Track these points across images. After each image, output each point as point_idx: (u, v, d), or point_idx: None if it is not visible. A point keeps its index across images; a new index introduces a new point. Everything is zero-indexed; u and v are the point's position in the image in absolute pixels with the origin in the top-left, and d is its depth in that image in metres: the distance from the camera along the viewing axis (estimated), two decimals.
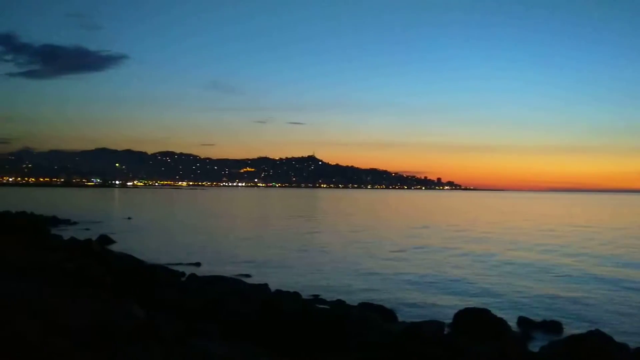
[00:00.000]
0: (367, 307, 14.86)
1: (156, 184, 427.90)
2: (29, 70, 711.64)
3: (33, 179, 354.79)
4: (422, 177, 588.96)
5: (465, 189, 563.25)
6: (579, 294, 18.63)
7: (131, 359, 6.51)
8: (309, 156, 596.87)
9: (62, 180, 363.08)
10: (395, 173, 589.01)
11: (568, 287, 19.76)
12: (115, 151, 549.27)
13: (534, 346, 12.04)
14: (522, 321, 14.40)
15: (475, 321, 13.09)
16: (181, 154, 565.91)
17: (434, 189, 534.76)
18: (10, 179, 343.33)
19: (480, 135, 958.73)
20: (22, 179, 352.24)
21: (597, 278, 21.84)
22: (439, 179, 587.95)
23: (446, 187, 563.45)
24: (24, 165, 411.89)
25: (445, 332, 12.70)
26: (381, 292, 18.51)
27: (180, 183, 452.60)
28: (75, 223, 45.40)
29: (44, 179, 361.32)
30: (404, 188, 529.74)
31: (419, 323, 12.78)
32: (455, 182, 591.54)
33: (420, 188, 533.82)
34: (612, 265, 25.78)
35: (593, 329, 11.57)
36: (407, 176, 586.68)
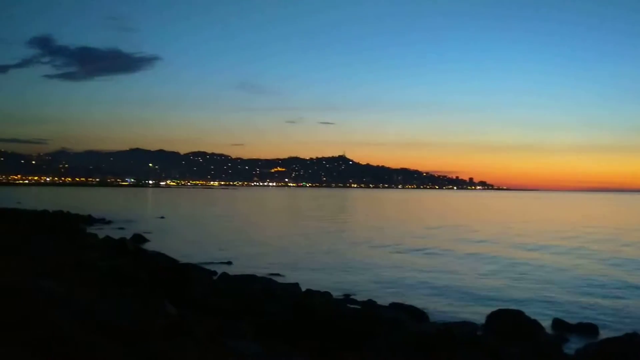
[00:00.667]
0: (398, 308, 14.79)
1: (188, 183, 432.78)
2: (66, 72, 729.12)
3: (69, 179, 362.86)
4: (454, 177, 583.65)
5: (498, 189, 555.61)
6: (617, 297, 18.20)
7: (165, 357, 6.60)
8: (339, 156, 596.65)
9: (97, 180, 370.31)
10: (427, 173, 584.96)
11: (605, 290, 19.31)
12: (148, 151, 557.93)
13: (569, 348, 11.82)
14: (557, 323, 14.10)
15: (509, 323, 12.92)
16: (213, 154, 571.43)
17: (466, 188, 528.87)
18: (48, 179, 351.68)
19: (514, 135, 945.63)
20: (59, 178, 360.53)
21: (635, 282, 21.31)
22: (471, 179, 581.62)
23: (478, 187, 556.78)
24: (61, 166, 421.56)
25: (478, 334, 12.56)
26: (412, 292, 18.39)
27: (212, 183, 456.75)
28: (109, 222, 46.20)
29: (79, 178, 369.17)
30: (435, 188, 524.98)
31: (451, 324, 12.67)
32: (488, 182, 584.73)
33: (452, 188, 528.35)
34: None
35: (630, 331, 11.30)
36: (439, 176, 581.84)
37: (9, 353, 5.78)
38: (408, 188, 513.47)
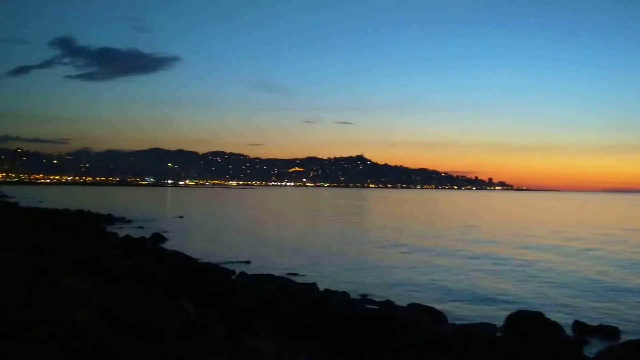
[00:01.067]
0: (416, 308, 14.72)
1: (207, 183, 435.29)
2: (87, 72, 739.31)
3: (90, 178, 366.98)
4: (473, 177, 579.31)
5: (518, 189, 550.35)
6: (639, 300, 17.94)
7: (184, 356, 6.65)
8: (357, 156, 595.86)
9: (117, 179, 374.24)
10: (445, 173, 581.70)
11: (626, 293, 19.03)
12: (167, 151, 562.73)
13: (590, 351, 11.67)
14: (578, 325, 13.91)
15: (529, 324, 12.79)
16: (231, 154, 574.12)
17: (485, 189, 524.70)
18: (69, 178, 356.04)
19: (534, 134, 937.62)
20: (80, 178, 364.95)
21: None
22: (490, 179, 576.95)
23: (497, 188, 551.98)
24: (82, 165, 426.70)
25: (497, 335, 12.46)
26: (430, 293, 18.30)
27: (230, 182, 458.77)
28: (129, 221, 46.64)
29: (100, 178, 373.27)
30: (453, 188, 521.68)
31: (470, 325, 12.60)
32: (507, 183, 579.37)
33: (471, 188, 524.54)
34: None
35: None
36: (457, 176, 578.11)
37: (32, 348, 5.86)
38: (426, 188, 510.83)
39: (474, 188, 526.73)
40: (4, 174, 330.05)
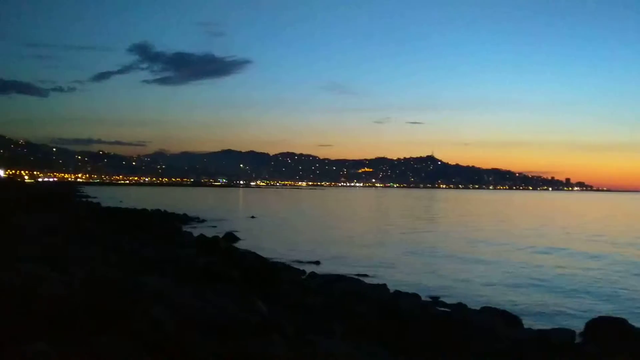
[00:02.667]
0: (490, 312, 14.32)
1: (277, 183, 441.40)
2: (163, 77, 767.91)
3: (166, 179, 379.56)
4: (549, 178, 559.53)
5: (597, 190, 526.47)
6: None
7: (256, 354, 6.76)
8: (427, 156, 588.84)
9: (192, 180, 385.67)
10: (519, 173, 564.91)
11: None
12: (239, 152, 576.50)
13: None
14: None
15: (611, 331, 12.19)
16: (301, 155, 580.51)
17: (562, 189, 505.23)
18: (146, 179, 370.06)
19: (616, 133, 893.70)
20: (157, 179, 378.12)
21: None
22: (567, 180, 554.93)
23: (576, 188, 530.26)
24: (158, 166, 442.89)
25: (576, 341, 11.95)
26: (504, 296, 17.77)
27: (299, 183, 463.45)
28: (203, 221, 47.87)
29: (175, 179, 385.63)
30: (528, 189, 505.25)
31: (547, 330, 12.13)
32: (586, 183, 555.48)
33: (547, 189, 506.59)
34: None
35: None
36: (532, 176, 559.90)
37: (111, 342, 6.12)
38: (500, 189, 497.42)
39: (550, 189, 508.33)
40: (87, 175, 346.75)
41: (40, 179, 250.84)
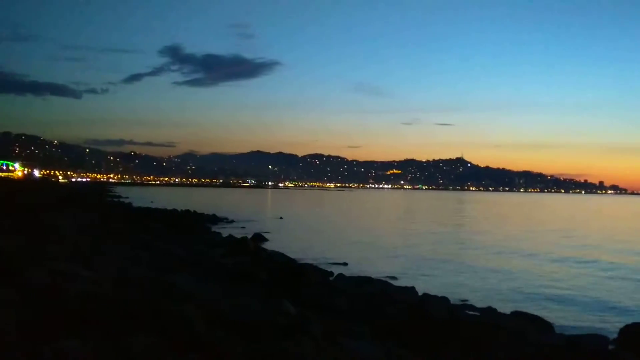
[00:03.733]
0: (520, 316, 14.09)
1: (305, 185, 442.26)
2: (193, 79, 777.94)
3: (195, 180, 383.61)
4: (582, 181, 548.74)
5: (632, 193, 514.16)
6: None
7: (284, 354, 6.76)
8: (457, 158, 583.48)
9: (221, 180, 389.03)
10: (551, 176, 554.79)
11: None
12: (268, 154, 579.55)
13: None
14: None
15: None
16: (329, 156, 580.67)
17: (595, 193, 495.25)
18: (177, 180, 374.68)
19: None
20: (186, 179, 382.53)
21: None
22: (601, 183, 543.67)
23: (609, 192, 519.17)
24: (188, 167, 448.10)
25: (610, 348, 11.67)
26: (534, 300, 17.47)
27: (328, 184, 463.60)
28: (232, 221, 48.18)
29: (204, 179, 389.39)
30: (560, 192, 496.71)
31: (579, 336, 11.88)
32: (620, 186, 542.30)
33: (580, 192, 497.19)
34: None
35: None
36: (565, 179, 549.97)
37: (142, 341, 6.19)
38: (531, 192, 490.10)
39: (583, 192, 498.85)
40: (119, 176, 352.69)
41: (73, 179, 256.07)
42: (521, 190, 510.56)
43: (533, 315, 14.25)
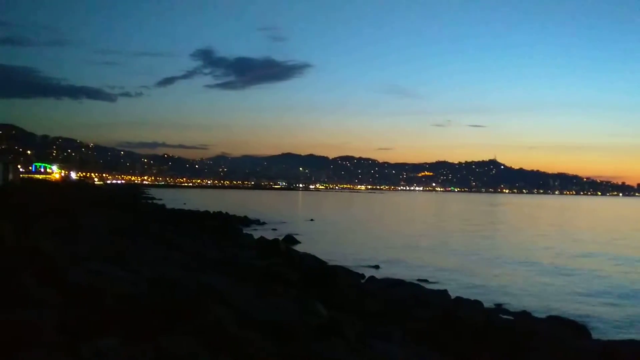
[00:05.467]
0: (556, 321, 13.85)
1: (336, 187, 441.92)
2: (225, 82, 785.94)
3: (227, 182, 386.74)
4: (619, 183, 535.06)
5: None
6: None
7: (317, 356, 6.78)
8: (490, 160, 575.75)
9: (252, 183, 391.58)
10: (587, 178, 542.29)
11: None
12: (299, 156, 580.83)
13: None
14: None
15: None
16: (360, 158, 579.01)
17: (634, 195, 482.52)
18: (209, 182, 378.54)
19: None
20: (219, 181, 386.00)
21: None
22: (639, 185, 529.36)
23: None
24: (220, 169, 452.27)
25: None
26: (571, 305, 17.15)
27: (358, 187, 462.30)
28: (263, 223, 48.48)
29: (236, 182, 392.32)
30: (597, 194, 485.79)
31: (617, 342, 11.61)
32: None
33: (617, 194, 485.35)
34: None
35: None
36: (601, 181, 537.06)
37: (176, 341, 6.28)
38: (566, 194, 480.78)
39: (621, 194, 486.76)
40: (153, 178, 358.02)
41: (108, 181, 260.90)
42: (556, 192, 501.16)
43: (569, 320, 14.00)
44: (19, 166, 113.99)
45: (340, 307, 12.14)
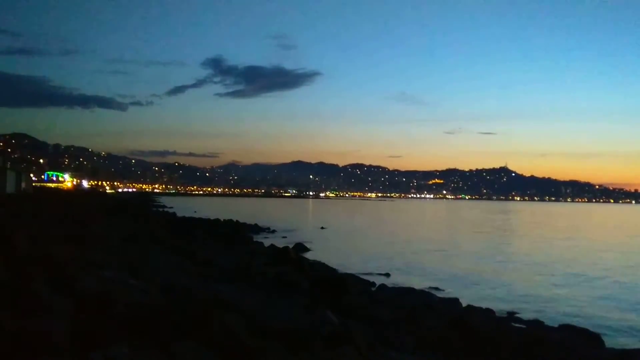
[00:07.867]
0: (569, 329, 13.74)
1: (346, 194, 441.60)
2: (235, 90, 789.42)
3: (238, 190, 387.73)
4: (632, 190, 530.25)
5: None
6: None
7: None
8: (501, 167, 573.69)
9: (263, 190, 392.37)
10: (600, 185, 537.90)
11: None
12: (309, 164, 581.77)
13: None
14: None
15: None
16: (370, 166, 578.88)
17: None
18: (219, 190, 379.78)
19: None
20: (229, 189, 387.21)
21: None
22: None
23: None
24: (230, 177, 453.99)
25: None
26: (584, 313, 17.00)
27: (369, 194, 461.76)
28: (274, 231, 48.53)
29: (247, 189, 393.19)
30: (609, 202, 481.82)
31: (631, 351, 11.50)
32: None
33: (630, 202, 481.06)
34: None
35: None
36: (614, 189, 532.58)
37: (188, 349, 6.29)
38: (578, 202, 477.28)
39: (634, 202, 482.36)
40: (164, 186, 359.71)
41: (120, 189, 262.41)
42: (568, 200, 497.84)
43: (581, 329, 13.88)
44: (31, 175, 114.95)
45: (351, 315, 12.11)
